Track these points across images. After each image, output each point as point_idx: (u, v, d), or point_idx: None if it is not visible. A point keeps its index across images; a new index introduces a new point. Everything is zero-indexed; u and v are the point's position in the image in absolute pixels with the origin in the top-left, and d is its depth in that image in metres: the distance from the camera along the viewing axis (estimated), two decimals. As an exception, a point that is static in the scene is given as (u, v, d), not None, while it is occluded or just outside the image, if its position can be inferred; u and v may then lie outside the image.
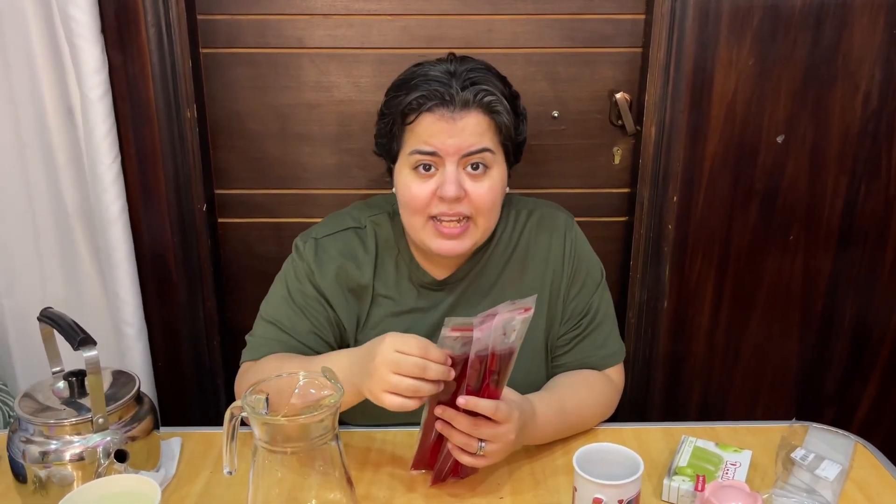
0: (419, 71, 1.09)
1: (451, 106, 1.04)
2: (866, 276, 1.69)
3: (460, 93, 1.04)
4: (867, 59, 1.53)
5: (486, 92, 1.05)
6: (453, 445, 0.96)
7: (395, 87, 1.11)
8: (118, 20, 1.48)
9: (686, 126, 1.57)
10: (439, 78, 1.05)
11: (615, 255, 1.71)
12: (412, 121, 1.07)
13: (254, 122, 1.61)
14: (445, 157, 1.05)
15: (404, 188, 1.09)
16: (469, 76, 1.06)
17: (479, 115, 1.06)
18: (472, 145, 1.05)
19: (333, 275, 1.16)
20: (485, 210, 1.08)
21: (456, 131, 1.04)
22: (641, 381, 1.76)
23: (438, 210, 1.07)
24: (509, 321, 0.89)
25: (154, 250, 1.63)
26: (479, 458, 0.96)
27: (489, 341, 0.89)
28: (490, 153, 1.07)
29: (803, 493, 0.99)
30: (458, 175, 1.06)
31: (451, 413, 0.93)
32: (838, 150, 1.59)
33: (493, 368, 0.92)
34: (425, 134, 1.05)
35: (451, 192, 1.04)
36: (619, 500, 0.89)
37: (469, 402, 0.91)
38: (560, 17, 1.56)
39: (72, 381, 1.00)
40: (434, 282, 1.19)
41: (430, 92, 1.04)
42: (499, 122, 1.07)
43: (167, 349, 1.71)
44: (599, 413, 1.18)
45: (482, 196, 1.07)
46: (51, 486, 0.95)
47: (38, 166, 1.54)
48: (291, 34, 1.56)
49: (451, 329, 0.89)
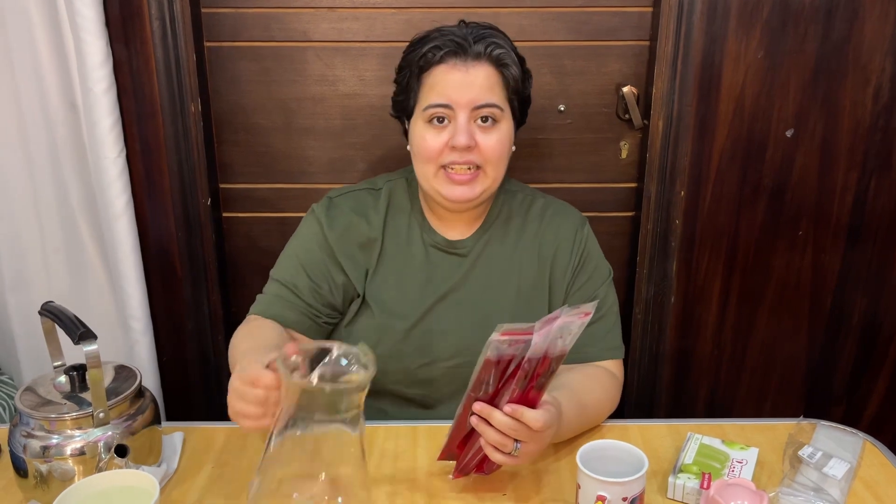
0: (435, 28, 1.17)
1: (464, 56, 1.12)
2: (876, 273, 1.67)
3: (473, 45, 1.12)
4: (878, 53, 1.51)
5: (496, 45, 1.13)
6: (486, 442, 0.94)
7: (412, 43, 1.19)
8: (122, 14, 1.47)
9: (694, 120, 1.55)
10: (454, 31, 1.14)
11: (622, 250, 1.70)
12: (427, 72, 1.14)
13: (258, 115, 1.61)
14: (457, 109, 1.12)
15: (419, 139, 1.15)
16: (481, 32, 1.15)
17: (490, 67, 1.13)
18: (482, 98, 1.12)
19: (342, 229, 1.22)
20: (493, 160, 1.15)
21: (468, 82, 1.11)
22: (648, 378, 1.75)
23: (450, 159, 1.13)
24: (568, 325, 0.89)
25: (159, 245, 1.63)
26: (512, 457, 0.95)
27: (545, 345, 0.89)
28: (499, 109, 1.14)
29: (811, 492, 0.98)
30: (469, 126, 1.12)
31: (488, 411, 0.92)
32: (848, 145, 1.57)
33: (541, 372, 0.91)
34: (439, 85, 1.12)
35: (462, 140, 1.11)
36: (623, 497, 0.88)
37: (515, 412, 0.91)
38: (566, 9, 1.54)
39: (73, 376, 1.00)
40: (444, 241, 1.23)
41: (444, 42, 1.12)
42: (507, 76, 1.14)
43: (172, 343, 1.71)
44: (608, 409, 1.19)
45: (492, 147, 1.14)
46: (52, 481, 0.94)
47: (42, 161, 1.54)
48: (296, 27, 1.55)
49: (501, 333, 0.88)
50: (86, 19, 1.40)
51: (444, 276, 1.23)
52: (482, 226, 1.25)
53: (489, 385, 0.92)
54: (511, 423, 0.92)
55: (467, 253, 1.24)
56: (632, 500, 0.89)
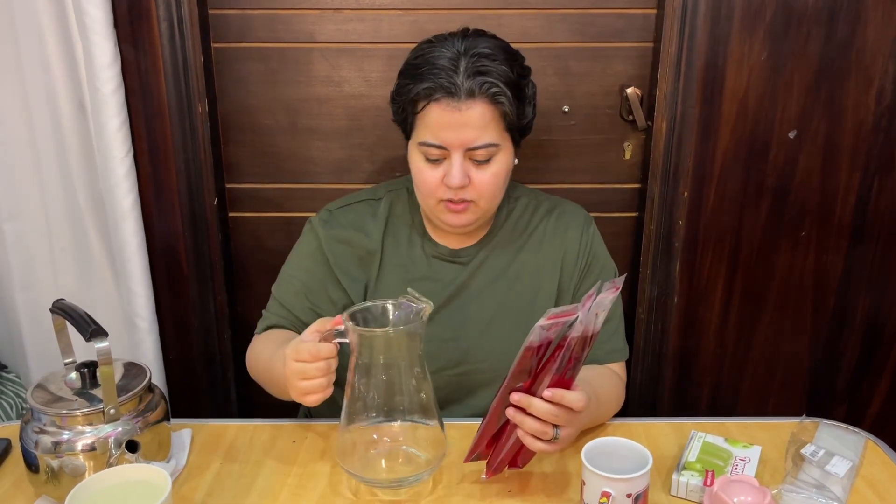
0: (427, 55, 1.11)
1: (456, 97, 1.08)
2: (879, 273, 1.67)
3: (465, 83, 1.07)
4: (881, 54, 1.52)
5: (490, 84, 1.08)
6: (524, 432, 0.95)
7: (404, 72, 1.15)
8: (130, 15, 1.49)
9: (697, 121, 1.56)
10: (445, 67, 1.08)
11: (625, 250, 1.71)
12: (420, 110, 1.11)
13: (264, 116, 1.62)
14: (451, 150, 1.10)
15: (417, 171, 1.15)
16: (476, 65, 1.08)
17: (484, 104, 1.09)
18: (475, 139, 1.09)
19: (341, 244, 1.23)
20: (487, 195, 1.14)
21: (461, 122, 1.08)
22: (651, 378, 1.75)
23: (447, 196, 1.13)
24: (602, 301, 0.90)
25: (165, 244, 1.64)
26: (552, 444, 0.96)
27: (586, 322, 0.90)
28: (495, 147, 1.11)
29: (813, 489, 0.98)
30: (463, 165, 1.11)
31: (527, 401, 0.93)
32: (851, 146, 1.58)
33: (577, 355, 0.92)
34: (433, 126, 1.10)
35: (455, 181, 1.10)
36: (627, 494, 0.89)
37: (555, 396, 0.92)
38: (571, 11, 1.55)
39: (84, 372, 1.01)
40: (447, 251, 1.24)
41: (436, 84, 1.08)
42: (503, 112, 1.11)
43: (178, 342, 1.72)
44: (615, 407, 1.20)
45: (486, 182, 1.13)
46: (63, 476, 0.96)
47: (50, 161, 1.55)
48: (302, 29, 1.56)
49: (547, 318, 0.89)
50: (94, 20, 1.41)
51: (446, 283, 1.23)
52: (486, 236, 1.25)
53: (528, 374, 0.93)
54: (552, 409, 0.92)
55: (469, 261, 1.23)
56: (636, 496, 0.90)
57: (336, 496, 1.01)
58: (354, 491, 1.02)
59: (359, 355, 0.97)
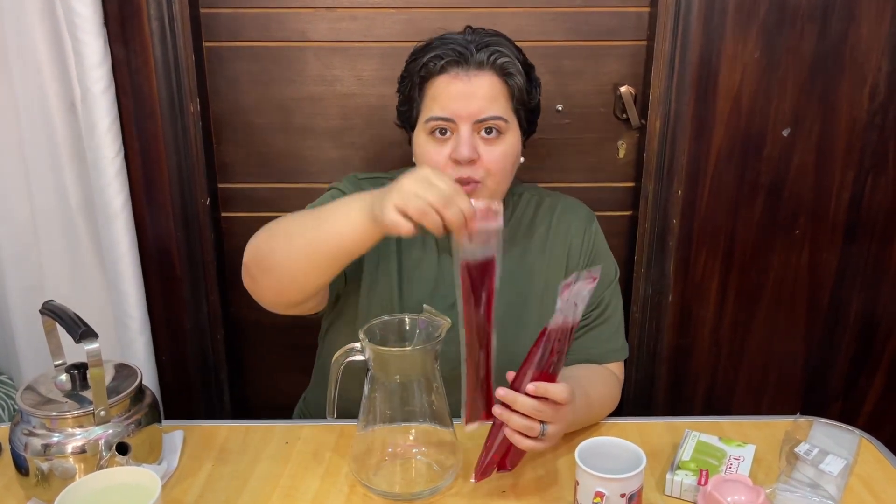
0: (437, 36, 1.13)
1: (466, 65, 1.08)
2: (873, 271, 1.67)
3: (475, 54, 1.08)
4: (874, 52, 1.52)
5: (499, 54, 1.09)
6: (512, 430, 0.94)
7: (414, 51, 1.16)
8: (121, 14, 1.48)
9: (691, 119, 1.56)
10: (456, 40, 1.10)
11: (619, 249, 1.71)
12: (429, 82, 1.11)
13: (257, 116, 1.61)
14: (459, 122, 1.08)
15: (422, 153, 1.12)
16: (484, 40, 1.10)
17: (493, 76, 1.09)
18: (484, 111, 1.08)
19: None
20: (496, 173, 1.10)
21: (470, 93, 1.07)
22: (646, 376, 1.75)
23: (455, 174, 1.08)
24: (580, 291, 0.89)
25: (158, 245, 1.63)
26: (540, 441, 0.94)
27: (566, 313, 0.89)
28: (503, 121, 1.10)
29: (807, 488, 0.98)
30: (471, 138, 1.08)
31: (512, 397, 0.92)
32: (845, 144, 1.58)
33: (558, 348, 0.91)
34: (442, 97, 1.09)
35: (464, 153, 1.07)
36: (621, 493, 0.89)
37: (539, 389, 0.90)
38: (564, 9, 1.55)
39: (74, 374, 1.00)
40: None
41: (445, 51, 1.08)
42: (511, 86, 1.10)
43: (171, 344, 1.71)
44: (609, 407, 1.19)
45: (495, 160, 1.09)
46: (53, 479, 0.95)
47: (41, 161, 1.54)
48: (294, 28, 1.55)
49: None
50: (83, 19, 1.40)
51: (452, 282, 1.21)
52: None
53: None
54: (536, 405, 0.91)
55: None
56: (630, 496, 0.90)
57: (328, 497, 1.01)
58: (347, 493, 1.02)
59: (374, 369, 0.98)
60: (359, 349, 0.98)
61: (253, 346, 1.78)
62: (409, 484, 1.00)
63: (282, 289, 1.03)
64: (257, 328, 1.76)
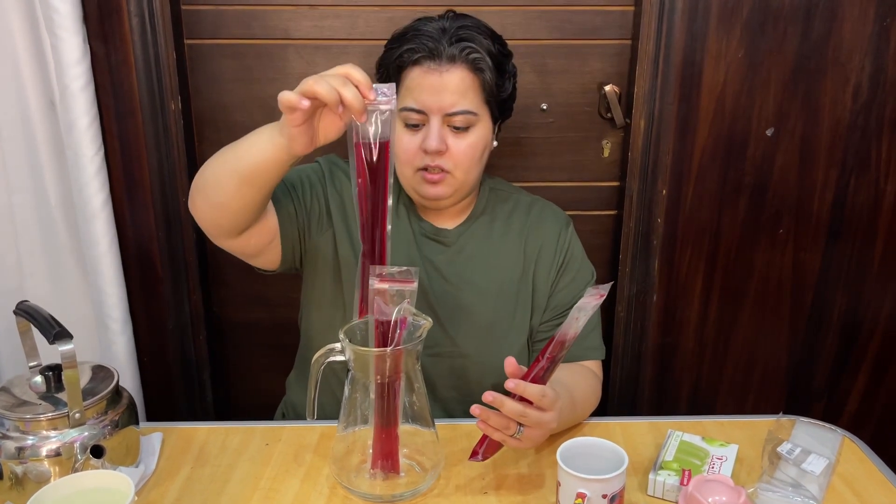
0: (415, 25, 1.15)
1: (438, 59, 1.10)
2: (856, 270, 1.68)
3: (447, 48, 1.11)
4: (857, 51, 1.52)
5: (471, 49, 1.11)
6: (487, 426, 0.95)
7: (391, 40, 1.18)
8: (100, 10, 1.46)
9: (675, 119, 1.56)
10: (430, 33, 1.12)
11: (604, 248, 1.70)
12: (404, 72, 1.13)
13: (239, 114, 1.60)
14: (430, 115, 1.12)
15: (396, 140, 1.15)
16: (458, 33, 1.12)
17: (464, 71, 1.11)
18: (454, 105, 1.11)
19: (338, 183, 1.22)
20: (462, 165, 1.15)
21: (441, 86, 1.10)
22: (630, 376, 1.75)
23: (424, 163, 1.14)
24: (584, 306, 0.90)
25: (139, 243, 1.62)
26: (515, 440, 0.95)
27: (567, 325, 0.91)
28: (472, 115, 1.13)
29: (789, 488, 0.98)
30: (440, 131, 1.12)
31: (500, 400, 0.93)
32: (828, 143, 1.58)
33: (552, 356, 0.93)
34: (414, 88, 1.12)
35: (433, 144, 1.11)
36: (603, 494, 0.88)
37: (518, 387, 0.92)
38: (549, 8, 1.54)
39: (48, 376, 0.98)
40: (431, 228, 1.24)
41: (419, 46, 1.11)
42: (482, 80, 1.13)
43: (152, 343, 1.69)
44: (592, 406, 1.20)
45: (462, 151, 1.14)
46: (27, 482, 0.93)
47: (19, 158, 1.52)
48: (277, 25, 1.54)
49: None
50: (62, 15, 1.38)
51: (428, 259, 1.23)
52: (467, 219, 1.26)
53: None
54: (520, 409, 0.92)
55: (451, 243, 1.24)
56: (612, 497, 0.89)
57: (309, 499, 1.00)
58: (328, 494, 1.01)
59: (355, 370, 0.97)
60: (339, 349, 0.97)
61: (236, 346, 1.77)
62: (390, 486, 0.99)
63: (213, 210, 1.06)
64: (240, 328, 1.75)
